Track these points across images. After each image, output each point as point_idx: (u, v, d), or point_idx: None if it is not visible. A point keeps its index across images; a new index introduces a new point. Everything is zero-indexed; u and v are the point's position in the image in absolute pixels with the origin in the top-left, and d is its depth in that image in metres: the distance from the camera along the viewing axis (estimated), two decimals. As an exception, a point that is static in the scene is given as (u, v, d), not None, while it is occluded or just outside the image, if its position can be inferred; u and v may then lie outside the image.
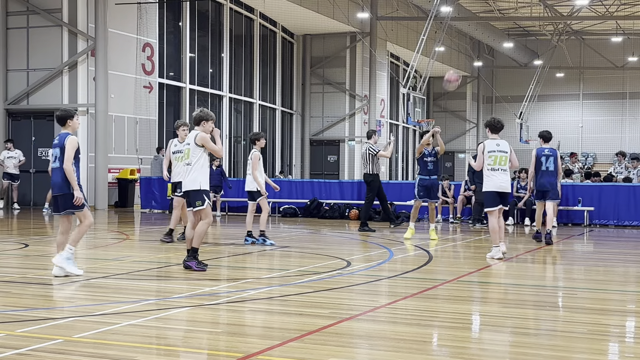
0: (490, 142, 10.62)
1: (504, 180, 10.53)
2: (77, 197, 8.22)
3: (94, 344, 5.22)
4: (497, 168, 10.52)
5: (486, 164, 10.55)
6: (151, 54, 23.61)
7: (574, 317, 6.49)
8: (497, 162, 10.50)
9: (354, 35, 33.00)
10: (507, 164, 10.56)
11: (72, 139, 8.34)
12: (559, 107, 44.82)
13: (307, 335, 5.51)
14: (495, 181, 10.50)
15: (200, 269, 8.71)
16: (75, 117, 8.50)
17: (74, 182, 8.24)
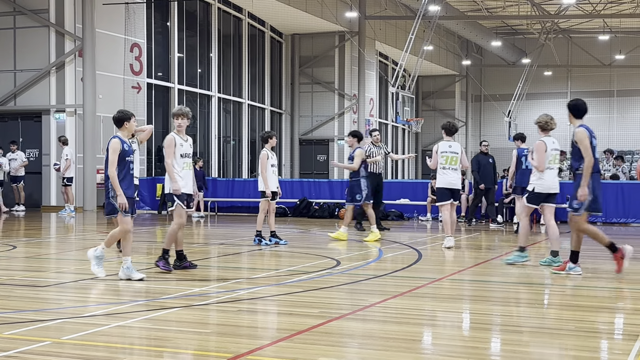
0: (444, 144, 11.80)
1: (455, 178, 11.74)
2: (120, 203, 7.94)
3: (83, 346, 5.19)
4: (448, 167, 11.71)
5: (439, 163, 11.72)
6: (139, 54, 23.54)
7: (562, 315, 6.51)
8: (449, 161, 11.69)
9: (343, 35, 33.01)
10: (457, 164, 11.74)
11: (113, 142, 8.04)
12: (547, 105, 44.91)
13: (297, 334, 5.50)
14: (447, 179, 11.70)
15: (167, 269, 8.62)
16: (132, 119, 8.22)
17: (117, 188, 7.93)
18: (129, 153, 8.14)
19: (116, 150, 8.00)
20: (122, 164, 8.05)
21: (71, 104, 21.58)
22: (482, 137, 46.92)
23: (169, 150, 8.69)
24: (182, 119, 8.77)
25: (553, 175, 9.93)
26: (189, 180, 8.84)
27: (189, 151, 8.86)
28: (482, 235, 14.88)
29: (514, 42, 44.23)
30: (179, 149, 8.72)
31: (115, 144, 8.03)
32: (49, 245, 12.71)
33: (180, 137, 8.78)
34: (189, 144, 8.90)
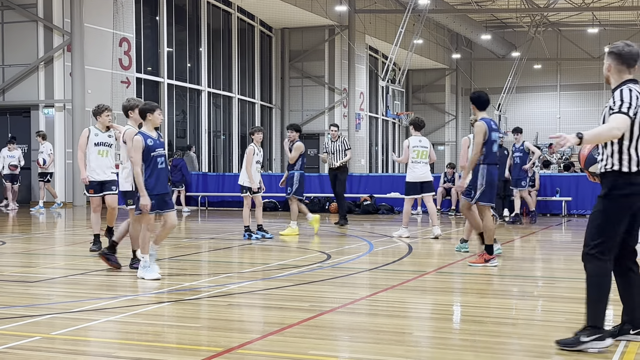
0: (414, 139, 12.34)
1: (425, 171, 12.32)
2: (142, 204, 7.62)
3: (73, 341, 5.18)
4: (419, 161, 12.24)
5: (410, 157, 12.23)
6: (128, 48, 23.43)
7: (552, 306, 6.54)
8: (420, 155, 12.23)
9: (333, 29, 32.96)
10: (427, 158, 12.28)
11: (135, 139, 7.69)
12: (537, 98, 45.10)
13: (287, 328, 5.51)
14: (417, 172, 12.26)
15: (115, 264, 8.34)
16: (156, 111, 7.76)
17: (140, 189, 7.63)
18: (154, 147, 7.71)
19: (138, 149, 7.64)
20: (149, 160, 7.68)
21: (60, 99, 21.47)
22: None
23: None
24: None
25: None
26: None
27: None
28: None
29: (503, 35, 44.29)
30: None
31: (137, 142, 7.65)
32: (39, 240, 12.66)
33: None
34: None
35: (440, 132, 45.39)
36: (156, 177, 7.71)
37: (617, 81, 4.89)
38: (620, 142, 4.78)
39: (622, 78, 4.86)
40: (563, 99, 44.92)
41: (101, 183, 9.85)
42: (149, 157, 7.67)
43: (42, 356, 4.75)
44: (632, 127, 4.75)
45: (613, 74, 4.91)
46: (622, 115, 4.69)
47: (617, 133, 4.71)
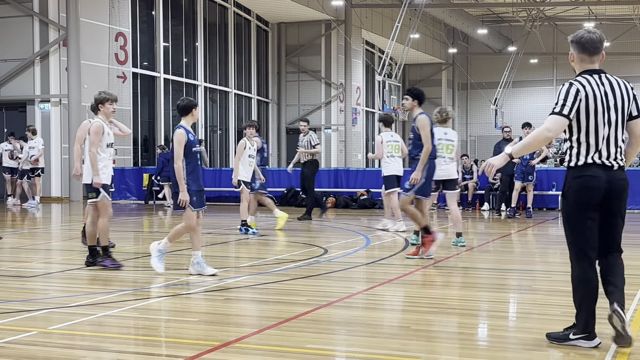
0: (386, 134, 12.50)
1: (400, 165, 12.53)
2: (180, 199, 7.47)
3: (70, 335, 5.18)
4: (394, 155, 12.37)
5: (386, 152, 12.33)
6: (124, 43, 23.38)
7: (549, 300, 6.55)
8: (394, 149, 12.37)
9: (329, 23, 32.92)
10: (400, 152, 12.42)
11: (178, 133, 7.51)
12: (533, 92, 45.11)
13: (284, 322, 5.51)
14: (395, 166, 12.40)
15: (116, 266, 8.04)
16: (197, 107, 7.70)
17: (180, 183, 7.45)
18: (195, 143, 7.62)
19: (181, 142, 7.45)
20: (190, 156, 7.54)
21: (56, 94, 21.43)
22: (468, 125, 47.08)
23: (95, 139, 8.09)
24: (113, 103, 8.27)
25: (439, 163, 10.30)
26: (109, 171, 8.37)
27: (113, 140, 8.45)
28: (469, 223, 14.93)
29: (500, 30, 44.28)
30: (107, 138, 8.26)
31: (180, 135, 7.46)
32: (36, 235, 12.65)
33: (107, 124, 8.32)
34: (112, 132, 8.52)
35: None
36: (197, 173, 7.61)
37: (578, 71, 4.74)
38: (570, 138, 4.67)
39: (582, 68, 4.71)
40: (559, 93, 44.92)
41: None
42: (190, 153, 7.53)
43: (39, 350, 4.75)
44: (579, 121, 4.59)
45: (575, 63, 4.75)
46: (555, 117, 4.58)
47: (549, 135, 4.61)
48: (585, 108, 4.58)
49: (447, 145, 10.45)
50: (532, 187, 15.99)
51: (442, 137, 10.51)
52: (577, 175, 4.63)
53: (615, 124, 4.61)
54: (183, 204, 7.51)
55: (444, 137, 10.52)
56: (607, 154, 4.60)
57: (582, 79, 4.66)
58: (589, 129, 4.59)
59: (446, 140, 10.48)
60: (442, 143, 10.43)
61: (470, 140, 46.49)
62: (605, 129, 4.59)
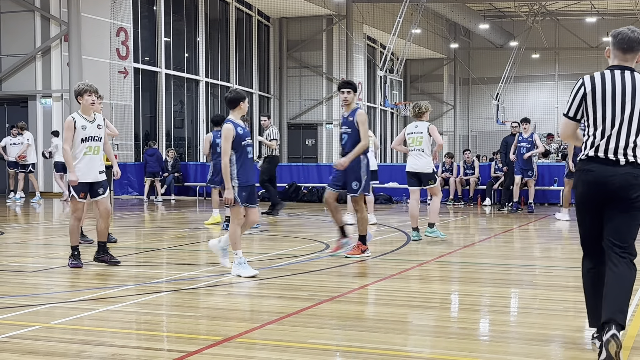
0: None
1: (373, 159, 12.54)
2: (225, 198, 7.22)
3: (72, 330, 5.19)
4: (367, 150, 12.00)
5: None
6: (125, 38, 23.36)
7: (550, 295, 6.56)
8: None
9: (330, 18, 32.87)
10: (373, 146, 12.52)
11: (224, 128, 7.16)
12: (535, 87, 45.07)
13: (286, 317, 5.52)
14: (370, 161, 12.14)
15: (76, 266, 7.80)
16: (246, 100, 7.39)
17: (226, 179, 7.19)
18: (245, 136, 7.25)
19: (228, 138, 7.13)
20: (239, 150, 7.22)
21: (57, 89, 21.43)
22: (470, 120, 47.05)
23: (67, 134, 7.77)
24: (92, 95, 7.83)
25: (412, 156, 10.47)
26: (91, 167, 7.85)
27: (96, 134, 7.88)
28: (470, 218, 14.94)
29: (501, 25, 44.21)
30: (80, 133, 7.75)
31: (228, 130, 7.14)
32: (37, 231, 12.66)
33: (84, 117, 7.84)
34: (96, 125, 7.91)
35: (438, 122, 45.33)
36: (247, 167, 7.31)
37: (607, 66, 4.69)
38: (587, 132, 4.61)
39: (611, 63, 4.64)
40: (561, 88, 44.88)
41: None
42: (239, 147, 7.21)
43: (41, 345, 4.76)
44: (587, 115, 4.54)
45: (609, 58, 4.67)
46: (563, 119, 4.65)
47: (564, 138, 4.76)
48: (592, 101, 4.52)
49: (416, 137, 10.33)
50: (533, 182, 15.98)
51: (413, 130, 10.43)
52: (578, 167, 4.60)
53: (629, 119, 4.45)
54: (228, 202, 7.24)
55: (414, 131, 10.41)
56: (614, 148, 4.45)
57: (596, 74, 4.61)
58: (596, 122, 4.51)
59: (415, 133, 10.37)
60: (412, 136, 10.40)
61: (472, 136, 46.46)
62: (613, 123, 4.47)
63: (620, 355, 4.22)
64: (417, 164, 10.36)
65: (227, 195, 7.19)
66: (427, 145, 10.31)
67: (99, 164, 7.98)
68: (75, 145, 7.81)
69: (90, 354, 4.55)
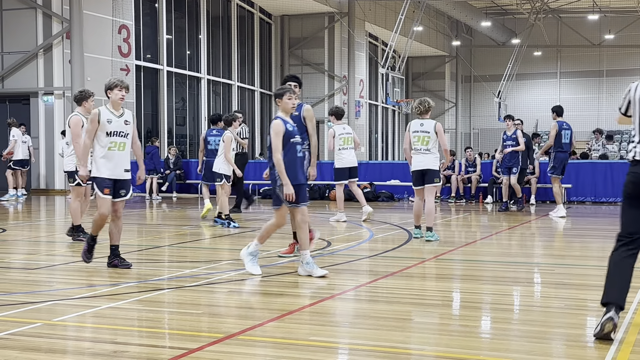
0: (338, 127, 12.81)
1: (352, 156, 12.80)
2: (286, 194, 6.97)
3: (74, 327, 5.20)
4: (345, 147, 12.70)
5: (337, 145, 12.64)
6: (127, 36, 23.37)
7: (552, 292, 6.56)
8: (345, 142, 12.72)
9: (332, 16, 32.86)
10: (352, 143, 12.75)
11: (275, 124, 7.01)
12: (537, 85, 45.03)
13: (287, 315, 5.52)
14: (345, 159, 12.74)
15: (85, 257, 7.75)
16: (286, 95, 7.16)
17: (282, 175, 6.96)
18: (294, 133, 7.09)
19: (279, 133, 6.95)
20: (287, 147, 7.03)
21: (59, 87, 21.44)
22: (472, 118, 47.01)
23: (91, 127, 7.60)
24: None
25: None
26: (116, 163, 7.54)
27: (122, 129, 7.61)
28: (472, 215, 14.94)
29: (503, 22, 44.16)
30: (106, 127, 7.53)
31: (277, 126, 6.96)
32: (39, 227, 12.68)
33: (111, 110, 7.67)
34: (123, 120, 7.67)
35: (440, 120, 45.31)
36: (295, 166, 7.09)
37: None
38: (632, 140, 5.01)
39: None
40: (563, 86, 44.85)
41: None
42: (287, 144, 7.02)
43: (43, 342, 4.77)
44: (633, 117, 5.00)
45: None
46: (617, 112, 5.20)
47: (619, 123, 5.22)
48: (633, 104, 4.97)
49: (423, 137, 10.18)
50: (535, 180, 15.95)
51: (418, 128, 10.23)
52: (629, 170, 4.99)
53: None
54: (290, 199, 6.96)
55: (420, 129, 10.21)
56: None
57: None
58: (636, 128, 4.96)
59: (422, 132, 10.21)
60: (418, 135, 10.19)
61: (474, 133, 46.43)
62: None
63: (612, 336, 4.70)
64: (424, 161, 10.14)
65: (287, 191, 6.94)
66: (434, 145, 10.19)
67: (125, 162, 7.60)
68: (100, 140, 7.51)
69: (92, 351, 4.55)
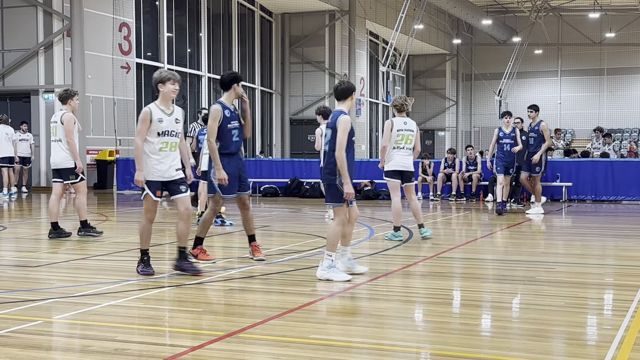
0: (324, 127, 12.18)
1: None
2: (347, 193, 6.88)
3: (75, 325, 5.20)
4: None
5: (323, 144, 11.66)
6: (128, 33, 23.37)
7: (552, 291, 6.56)
8: None
9: (333, 14, 32.84)
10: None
11: (342, 120, 6.88)
12: (538, 83, 44.99)
13: (288, 312, 5.53)
14: None
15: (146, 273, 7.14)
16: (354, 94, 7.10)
17: (344, 174, 6.85)
18: (353, 133, 7.01)
19: (346, 130, 6.84)
20: (349, 145, 6.96)
21: (60, 84, 21.43)
22: (472, 116, 46.99)
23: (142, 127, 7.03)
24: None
25: (402, 154, 10.02)
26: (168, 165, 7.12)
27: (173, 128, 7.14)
28: (473, 214, 14.94)
29: (504, 20, 44.13)
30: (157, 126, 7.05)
31: (345, 122, 6.85)
32: (40, 225, 12.68)
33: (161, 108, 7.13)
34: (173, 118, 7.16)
35: (440, 118, 45.34)
36: (352, 164, 7.01)
37: None
38: None
39: None
40: (564, 84, 44.82)
41: None
42: (349, 143, 6.96)
43: (43, 340, 4.77)
44: None
45: None
46: None
47: None
48: None
49: (407, 135, 10.06)
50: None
51: (402, 127, 10.10)
52: None
53: None
54: (350, 197, 6.90)
55: (403, 128, 10.10)
56: None
57: None
58: None
59: (406, 131, 10.08)
60: (402, 134, 10.06)
61: (474, 132, 46.41)
62: None
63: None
64: (407, 163, 10.02)
65: (348, 189, 6.86)
66: (413, 144, 10.11)
67: (177, 161, 7.20)
68: (150, 140, 7.01)
69: (93, 349, 4.56)
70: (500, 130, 14.48)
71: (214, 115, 7.57)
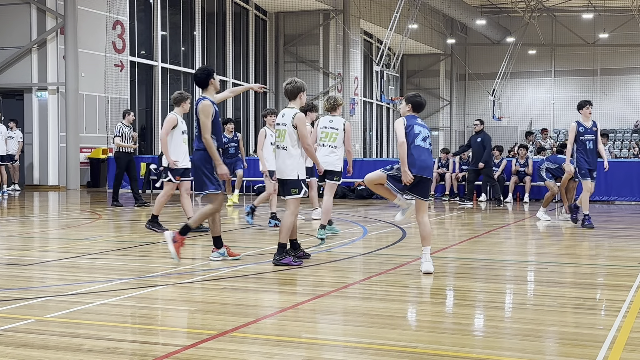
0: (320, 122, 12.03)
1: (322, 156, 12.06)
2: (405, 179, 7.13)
3: (67, 324, 5.19)
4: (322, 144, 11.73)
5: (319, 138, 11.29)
6: (122, 31, 23.31)
7: (545, 291, 6.58)
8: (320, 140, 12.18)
9: (327, 13, 32.84)
10: None
11: (398, 121, 7.24)
12: (531, 84, 45.10)
13: (281, 312, 5.53)
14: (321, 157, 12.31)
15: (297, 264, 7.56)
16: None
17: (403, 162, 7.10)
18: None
19: (401, 129, 7.19)
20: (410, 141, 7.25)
21: (53, 82, 21.38)
22: (466, 116, 47.08)
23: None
24: None
25: (323, 153, 10.00)
26: None
27: None
28: (466, 213, 14.96)
29: (498, 20, 44.21)
30: None
31: (398, 123, 7.21)
32: (32, 223, 12.64)
33: None
34: None
35: (434, 117, 45.38)
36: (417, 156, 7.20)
37: None
38: None
39: None
40: (557, 84, 44.93)
41: None
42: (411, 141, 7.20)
43: (36, 338, 4.76)
44: None
45: None
46: None
47: None
48: None
49: (331, 133, 10.06)
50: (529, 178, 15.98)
51: (327, 124, 10.13)
52: None
53: None
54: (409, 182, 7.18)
55: (328, 125, 10.14)
56: None
57: None
58: None
59: (330, 129, 10.10)
60: (326, 131, 10.10)
61: (468, 131, 46.49)
62: None
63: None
64: (328, 161, 9.90)
65: (406, 177, 7.13)
66: (340, 143, 10.06)
67: None
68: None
69: (85, 348, 4.55)
70: (580, 125, 11.85)
71: (207, 112, 7.58)
